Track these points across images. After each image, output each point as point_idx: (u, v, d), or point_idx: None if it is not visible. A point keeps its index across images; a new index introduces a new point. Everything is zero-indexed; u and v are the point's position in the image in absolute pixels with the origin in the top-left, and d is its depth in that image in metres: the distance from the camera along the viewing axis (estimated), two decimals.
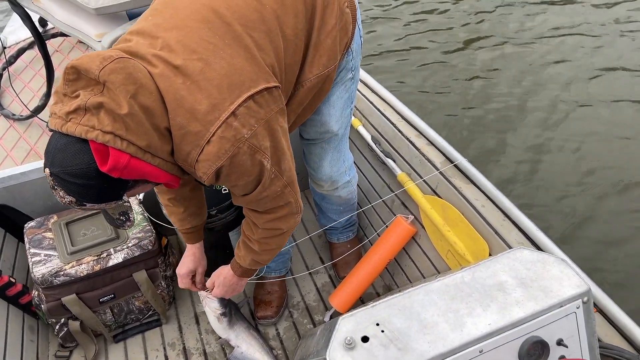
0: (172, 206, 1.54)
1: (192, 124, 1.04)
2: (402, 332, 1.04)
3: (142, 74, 1.01)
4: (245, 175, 1.14)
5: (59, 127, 0.99)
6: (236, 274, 1.58)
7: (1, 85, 2.46)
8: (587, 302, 1.08)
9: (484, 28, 4.67)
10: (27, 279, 2.05)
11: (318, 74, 1.32)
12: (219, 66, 1.06)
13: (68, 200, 1.04)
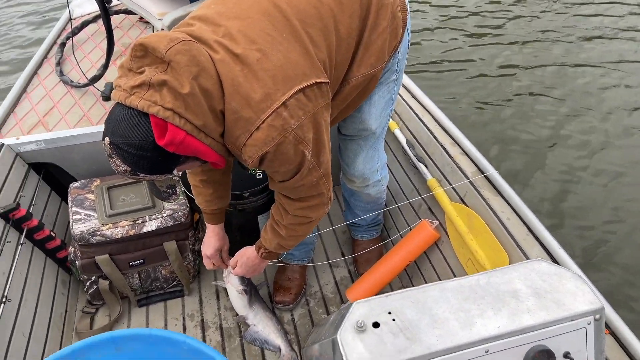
0: (201, 187, 1.61)
1: (245, 110, 1.09)
2: (412, 323, 1.07)
3: (205, 58, 1.07)
4: (287, 163, 1.20)
5: (122, 100, 1.06)
6: (259, 256, 1.63)
7: (64, 54, 2.59)
8: (599, 320, 1.09)
9: (538, 47, 4.61)
10: (66, 235, 2.16)
11: (365, 73, 1.36)
12: (276, 58, 1.11)
13: (123, 169, 1.10)
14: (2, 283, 1.67)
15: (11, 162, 2.00)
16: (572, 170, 3.29)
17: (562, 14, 5.11)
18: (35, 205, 2.01)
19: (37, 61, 2.55)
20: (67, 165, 2.15)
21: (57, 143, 2.08)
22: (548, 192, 3.13)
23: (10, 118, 2.18)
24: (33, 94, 2.34)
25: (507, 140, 3.56)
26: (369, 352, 1.02)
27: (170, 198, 1.27)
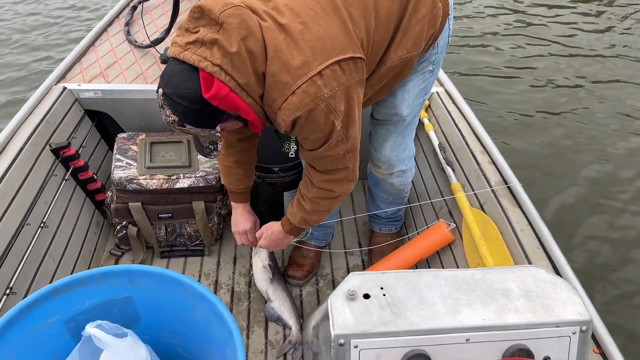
0: (234, 168, 1.69)
1: (283, 74, 1.17)
2: (401, 300, 1.11)
3: (254, 23, 1.16)
4: (317, 131, 1.27)
5: (177, 54, 1.17)
6: (284, 230, 1.70)
7: (133, 16, 2.75)
8: (585, 332, 1.10)
9: (608, 66, 4.49)
10: (107, 182, 2.29)
11: (401, 56, 1.41)
12: (316, 31, 1.20)
13: (172, 119, 1.20)
14: (43, 211, 1.81)
15: (70, 105, 2.16)
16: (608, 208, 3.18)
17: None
18: (84, 148, 2.15)
19: (109, 19, 2.71)
20: (118, 116, 2.29)
21: (113, 95, 2.22)
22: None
23: (76, 66, 2.34)
24: (100, 47, 2.50)
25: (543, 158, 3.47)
26: (354, 319, 1.07)
27: (212, 154, 1.35)
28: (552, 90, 4.23)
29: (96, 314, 1.38)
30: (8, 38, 5.08)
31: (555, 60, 4.63)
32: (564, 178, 3.27)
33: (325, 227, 2.11)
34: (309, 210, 1.56)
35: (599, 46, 4.86)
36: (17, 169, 1.77)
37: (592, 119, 3.86)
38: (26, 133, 1.90)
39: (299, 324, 1.89)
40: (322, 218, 1.63)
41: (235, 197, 1.79)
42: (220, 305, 1.30)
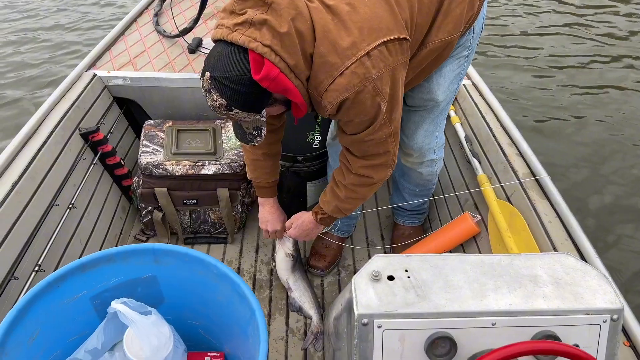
0: (262, 160, 1.67)
1: (331, 55, 1.16)
2: (426, 283, 1.09)
3: (302, 4, 1.15)
4: (362, 114, 1.26)
5: (224, 36, 1.14)
6: (315, 219, 1.68)
7: (162, 8, 2.78)
8: (617, 321, 1.06)
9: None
10: (134, 168, 2.32)
11: (442, 39, 1.39)
12: (363, 11, 1.18)
13: (219, 103, 1.18)
14: (71, 193, 1.84)
15: (99, 91, 2.19)
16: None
17: None
18: (112, 134, 2.18)
19: (139, 10, 2.75)
20: (146, 104, 2.32)
21: (141, 82, 2.24)
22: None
23: (106, 54, 2.38)
24: (130, 37, 2.53)
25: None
26: (378, 299, 1.05)
27: (255, 140, 1.33)
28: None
29: (121, 292, 1.39)
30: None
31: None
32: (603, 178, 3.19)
33: (349, 219, 2.09)
34: (344, 198, 1.53)
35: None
36: (48, 152, 1.81)
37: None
38: (57, 117, 1.93)
39: (319, 314, 1.87)
40: (355, 207, 1.60)
41: (263, 192, 1.77)
42: (243, 285, 1.29)
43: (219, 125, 2.19)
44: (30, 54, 4.68)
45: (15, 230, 1.55)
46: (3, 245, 1.50)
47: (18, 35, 5.01)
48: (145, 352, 1.28)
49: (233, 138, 2.13)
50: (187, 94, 2.27)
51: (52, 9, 5.67)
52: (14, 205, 1.58)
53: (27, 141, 1.78)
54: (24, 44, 4.85)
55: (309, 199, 2.19)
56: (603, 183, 3.15)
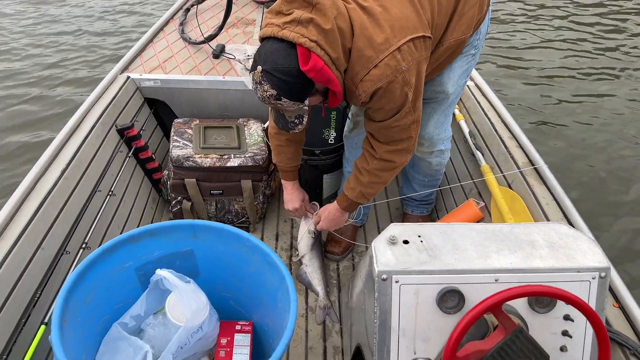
0: (286, 146, 1.81)
1: (367, 49, 1.32)
2: (437, 246, 1.23)
3: (341, 4, 1.31)
4: (392, 102, 1.41)
5: (275, 33, 1.29)
6: (341, 207, 1.80)
7: (187, 17, 2.96)
8: (604, 278, 1.19)
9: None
10: (162, 163, 2.48)
11: (457, 38, 1.55)
12: (394, 12, 1.34)
13: (269, 93, 1.32)
14: (110, 181, 2.00)
15: (132, 92, 2.36)
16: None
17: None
18: (143, 131, 2.34)
19: (165, 19, 2.93)
20: (174, 104, 2.48)
21: (170, 84, 2.41)
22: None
23: (137, 59, 2.55)
24: (158, 44, 2.71)
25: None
26: (395, 259, 1.19)
27: (297, 127, 1.46)
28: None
29: (162, 264, 1.53)
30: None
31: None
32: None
33: (363, 208, 2.23)
34: (367, 184, 1.66)
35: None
36: (90, 144, 1.97)
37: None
38: (96, 114, 2.10)
39: (325, 291, 1.96)
40: (377, 191, 1.72)
41: (285, 175, 1.91)
42: (274, 255, 1.44)
43: (242, 123, 2.35)
44: (63, 54, 4.98)
45: (65, 210, 1.71)
46: (55, 223, 1.65)
47: (48, 42, 5.27)
48: (186, 316, 1.42)
49: (255, 134, 2.28)
50: (212, 94, 2.43)
51: (79, 16, 5.92)
52: (63, 190, 1.74)
53: (72, 134, 1.95)
54: (55, 49, 5.11)
55: (324, 190, 2.33)
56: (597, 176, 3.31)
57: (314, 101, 1.44)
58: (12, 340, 1.36)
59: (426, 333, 1.19)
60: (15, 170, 3.32)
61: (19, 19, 5.89)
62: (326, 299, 1.95)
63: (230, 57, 2.55)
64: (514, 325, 1.07)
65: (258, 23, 2.99)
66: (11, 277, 1.46)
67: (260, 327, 1.63)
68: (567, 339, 1.21)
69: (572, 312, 1.20)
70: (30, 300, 1.48)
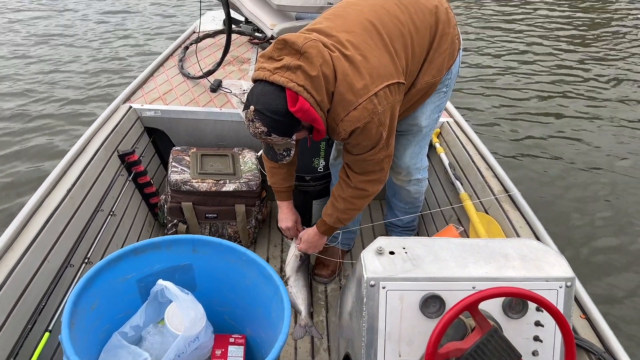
0: (278, 168, 1.92)
1: (348, 94, 1.46)
2: (420, 257, 1.33)
3: (326, 53, 1.44)
4: (368, 139, 1.55)
5: (266, 77, 1.43)
6: (319, 231, 1.91)
7: (185, 55, 3.11)
8: (570, 287, 1.31)
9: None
10: (158, 189, 2.57)
11: (428, 81, 1.71)
12: (372, 61, 1.49)
13: (260, 130, 1.45)
14: (111, 203, 2.08)
15: (134, 121, 2.47)
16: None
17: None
18: (142, 158, 2.44)
19: (165, 56, 3.08)
20: (172, 133, 2.59)
21: (169, 114, 2.53)
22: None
23: (139, 91, 2.67)
24: (158, 77, 2.84)
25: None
26: (382, 267, 1.30)
27: (285, 159, 1.59)
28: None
29: (162, 277, 1.59)
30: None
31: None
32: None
33: (350, 233, 2.34)
34: (342, 210, 1.78)
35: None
36: (93, 167, 2.06)
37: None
38: (99, 140, 2.20)
39: (308, 311, 1.98)
40: (352, 217, 1.86)
41: (280, 195, 2.00)
42: (269, 267, 1.53)
43: (237, 152, 2.46)
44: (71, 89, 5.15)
45: (70, 226, 1.78)
46: (61, 238, 1.72)
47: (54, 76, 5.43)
48: (185, 325, 1.49)
49: (249, 162, 2.39)
50: (209, 125, 2.55)
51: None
52: (69, 207, 1.81)
53: (77, 157, 2.04)
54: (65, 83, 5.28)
55: (313, 216, 2.44)
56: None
57: (300, 136, 1.56)
58: (19, 346, 1.41)
59: (410, 336, 1.28)
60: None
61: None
62: (307, 317, 1.97)
63: (227, 91, 2.69)
64: (489, 326, 1.17)
65: (252, 61, 3.15)
66: (18, 286, 1.51)
67: (253, 340, 1.69)
68: (538, 343, 1.30)
69: (543, 318, 1.30)
70: (35, 309, 1.53)
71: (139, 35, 6.72)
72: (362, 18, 1.55)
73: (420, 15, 1.63)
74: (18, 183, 3.55)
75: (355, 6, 1.60)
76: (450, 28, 1.70)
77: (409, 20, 1.60)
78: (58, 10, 7.57)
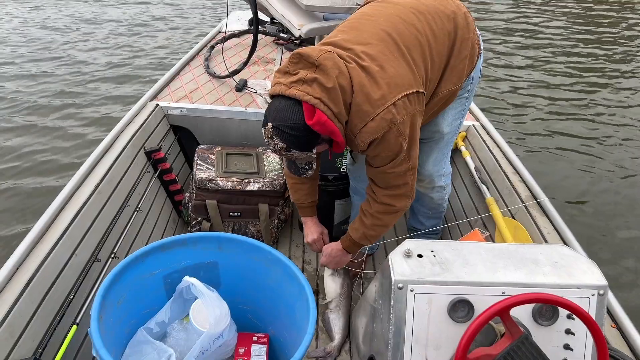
0: (301, 184, 1.90)
1: (365, 105, 1.44)
2: (448, 260, 1.32)
3: (342, 64, 1.43)
4: (387, 150, 1.52)
5: (283, 91, 1.42)
6: (343, 246, 1.87)
7: (211, 54, 3.14)
8: (603, 295, 1.28)
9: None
10: (182, 186, 2.59)
11: (449, 89, 1.68)
12: (390, 71, 1.47)
13: (280, 146, 1.44)
14: (137, 199, 2.11)
15: (160, 118, 2.50)
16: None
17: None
18: (168, 155, 2.46)
19: (191, 55, 3.11)
20: (197, 132, 2.62)
21: (195, 113, 2.55)
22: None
23: (166, 89, 2.70)
24: (184, 76, 2.87)
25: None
26: (410, 270, 1.28)
27: (307, 173, 1.59)
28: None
29: (188, 274, 1.61)
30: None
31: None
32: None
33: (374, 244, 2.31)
34: (370, 226, 1.74)
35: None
36: (121, 163, 2.08)
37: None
38: (127, 137, 2.22)
39: (341, 341, 1.95)
40: (379, 235, 1.80)
41: (304, 211, 1.99)
42: (294, 267, 1.52)
43: (261, 151, 2.47)
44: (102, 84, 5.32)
45: (98, 221, 1.80)
46: (89, 232, 1.74)
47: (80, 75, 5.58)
48: (209, 321, 1.50)
49: (273, 162, 2.40)
50: (234, 124, 2.57)
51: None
52: (97, 202, 1.84)
53: (105, 153, 2.06)
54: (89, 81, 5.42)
55: (336, 216, 2.43)
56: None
57: (321, 149, 1.54)
58: (47, 337, 1.43)
59: (438, 341, 1.27)
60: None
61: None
62: (337, 349, 1.93)
63: (252, 91, 2.70)
64: (520, 332, 1.15)
65: (277, 62, 3.16)
66: (48, 279, 1.54)
67: (276, 340, 1.69)
68: (568, 352, 1.28)
69: (574, 326, 1.28)
70: (63, 302, 1.56)
71: (169, 34, 6.88)
72: (378, 29, 1.53)
73: (438, 22, 1.60)
74: (50, 171, 3.70)
75: (370, 17, 1.58)
76: (470, 33, 1.66)
77: (427, 28, 1.57)
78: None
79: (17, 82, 5.21)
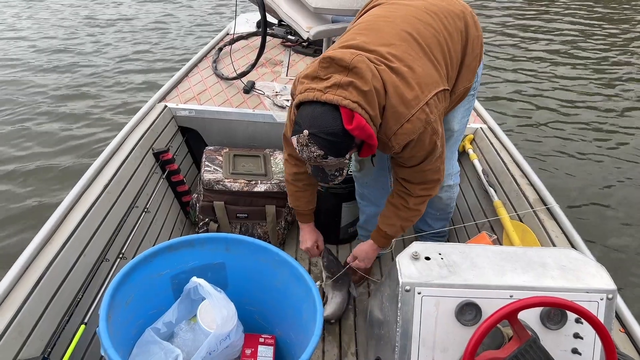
0: (303, 191, 1.89)
1: (400, 106, 1.42)
2: (456, 263, 1.32)
3: (373, 67, 1.40)
4: (422, 150, 1.52)
5: (318, 97, 1.36)
6: (379, 245, 1.87)
7: (219, 56, 3.15)
8: (611, 300, 1.27)
9: None
10: (190, 187, 2.60)
11: (465, 86, 1.70)
12: (418, 71, 1.46)
13: (317, 154, 1.37)
14: (145, 200, 2.12)
15: (169, 120, 2.51)
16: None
17: None
18: (176, 157, 2.47)
19: (199, 57, 3.12)
20: (205, 133, 2.63)
21: (203, 114, 2.56)
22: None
23: (174, 91, 2.71)
24: (192, 78, 2.88)
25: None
26: (418, 272, 1.28)
27: (336, 179, 1.54)
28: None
29: (195, 274, 1.61)
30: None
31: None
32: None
33: None
34: (406, 218, 1.74)
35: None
36: (129, 164, 2.09)
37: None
38: (135, 138, 2.23)
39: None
40: (413, 223, 1.82)
41: (302, 218, 2.00)
42: (301, 268, 1.53)
43: (269, 153, 2.48)
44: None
45: (106, 221, 1.81)
46: (97, 232, 1.75)
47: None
48: (217, 322, 1.50)
49: (280, 164, 2.41)
50: (242, 125, 2.58)
51: None
52: (105, 203, 1.85)
53: (113, 154, 2.08)
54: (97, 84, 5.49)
55: (343, 219, 2.43)
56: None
57: (351, 152, 1.51)
58: (56, 336, 1.44)
59: (445, 343, 1.27)
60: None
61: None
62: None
63: (260, 93, 2.71)
64: (527, 336, 1.15)
65: (285, 64, 3.17)
66: (56, 279, 1.55)
67: (283, 341, 1.70)
68: (576, 356, 1.27)
69: (582, 330, 1.27)
70: (72, 302, 1.57)
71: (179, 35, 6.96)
72: (398, 29, 1.52)
73: (450, 21, 1.61)
74: (62, 176, 3.73)
75: (386, 18, 1.57)
76: (478, 31, 1.69)
77: (442, 27, 1.58)
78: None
79: (25, 84, 5.25)
